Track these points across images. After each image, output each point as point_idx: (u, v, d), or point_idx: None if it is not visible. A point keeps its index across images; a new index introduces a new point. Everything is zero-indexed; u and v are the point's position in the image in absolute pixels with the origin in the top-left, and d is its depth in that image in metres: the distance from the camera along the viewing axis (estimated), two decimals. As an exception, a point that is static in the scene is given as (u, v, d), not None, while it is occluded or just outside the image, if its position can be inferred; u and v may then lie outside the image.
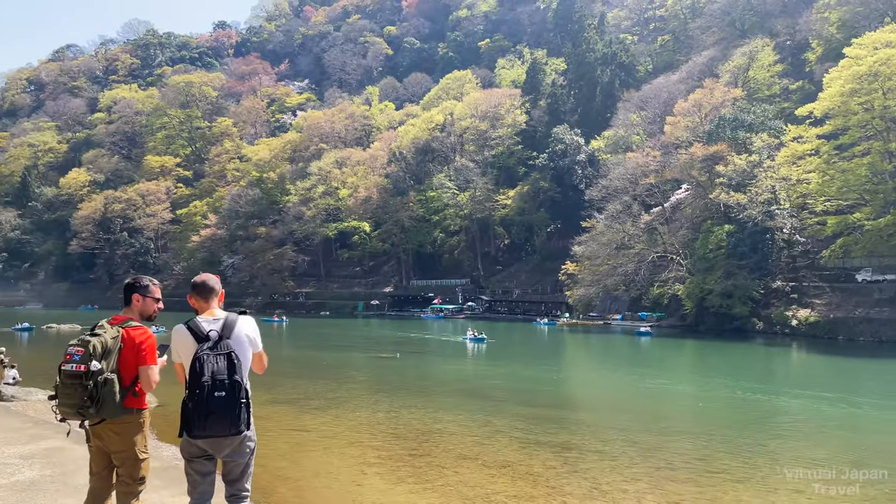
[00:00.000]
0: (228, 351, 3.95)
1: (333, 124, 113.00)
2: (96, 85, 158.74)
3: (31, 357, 33.18)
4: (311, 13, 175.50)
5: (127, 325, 4.25)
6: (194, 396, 3.86)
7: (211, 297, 4.30)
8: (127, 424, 4.19)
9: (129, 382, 4.15)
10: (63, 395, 3.98)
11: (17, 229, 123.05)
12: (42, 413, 12.95)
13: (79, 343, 4.04)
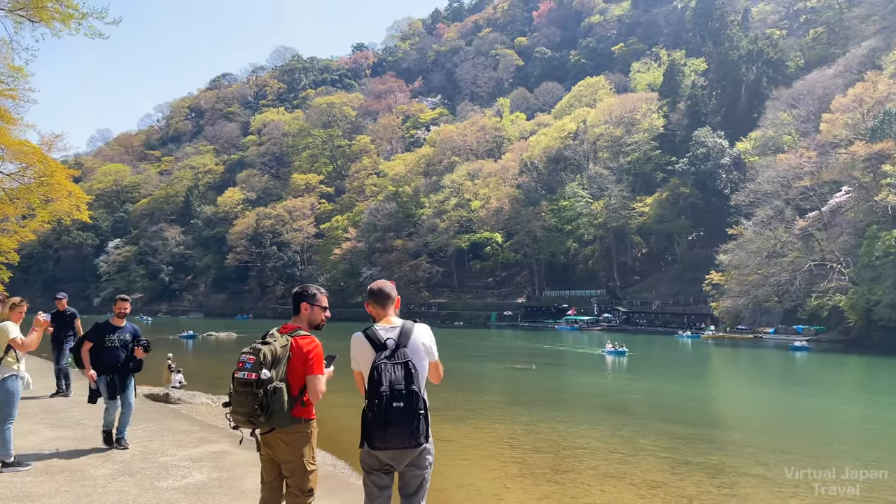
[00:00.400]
0: (405, 360, 3.85)
1: (465, 137, 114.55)
2: (248, 109, 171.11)
3: (195, 362, 35.96)
4: (443, 30, 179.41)
5: (296, 334, 4.23)
6: (373, 406, 3.78)
7: (388, 304, 4.23)
8: (296, 434, 4.17)
9: (297, 392, 4.13)
10: (236, 402, 3.99)
11: (181, 245, 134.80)
12: (207, 416, 13.85)
13: (250, 351, 4.05)
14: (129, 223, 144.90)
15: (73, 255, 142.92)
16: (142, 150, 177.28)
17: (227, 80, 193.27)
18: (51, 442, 8.35)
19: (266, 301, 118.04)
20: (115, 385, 7.97)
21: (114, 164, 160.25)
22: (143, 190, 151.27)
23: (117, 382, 7.99)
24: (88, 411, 10.88)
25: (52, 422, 9.79)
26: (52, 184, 18.87)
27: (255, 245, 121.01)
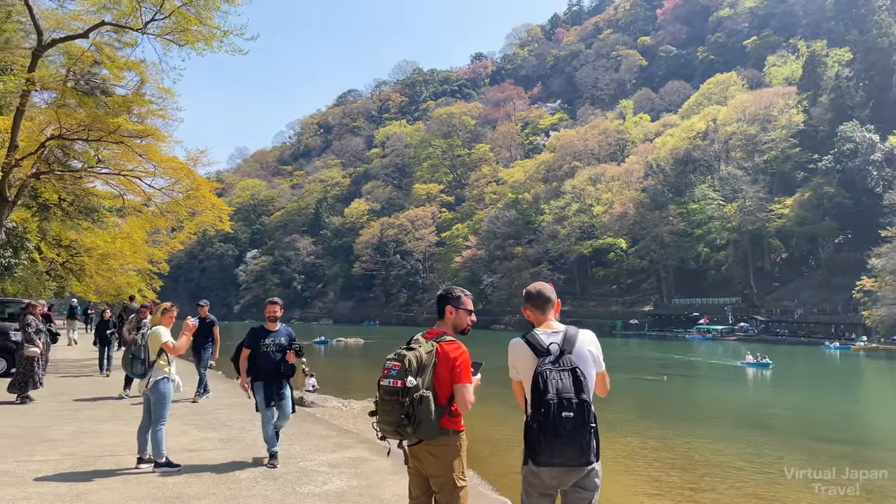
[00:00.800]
0: (572, 367, 3.51)
1: (586, 141, 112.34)
2: (372, 123, 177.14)
3: (326, 367, 37.32)
4: (562, 34, 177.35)
5: (441, 340, 3.98)
6: (539, 416, 3.44)
7: (547, 308, 3.96)
8: (444, 447, 3.90)
9: (444, 401, 3.86)
10: (382, 411, 3.78)
11: (312, 254, 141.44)
12: (341, 420, 14.14)
13: (395, 357, 3.85)
14: (265, 235, 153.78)
15: (215, 265, 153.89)
16: (275, 165, 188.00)
17: (353, 95, 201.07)
18: (198, 443, 8.73)
19: (391, 308, 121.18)
20: (272, 392, 7.57)
21: (251, 180, 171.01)
22: (277, 203, 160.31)
23: (273, 389, 7.58)
24: (234, 413, 11.39)
25: (200, 423, 10.29)
26: (197, 197, 20.21)
27: (379, 254, 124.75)
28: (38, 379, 12.15)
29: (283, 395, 7.65)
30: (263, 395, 7.53)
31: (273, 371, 7.55)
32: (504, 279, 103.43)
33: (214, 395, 13.45)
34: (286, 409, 7.68)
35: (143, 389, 7.30)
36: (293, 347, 7.64)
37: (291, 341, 7.73)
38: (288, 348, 7.62)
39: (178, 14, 16.77)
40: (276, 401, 7.56)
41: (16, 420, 10.18)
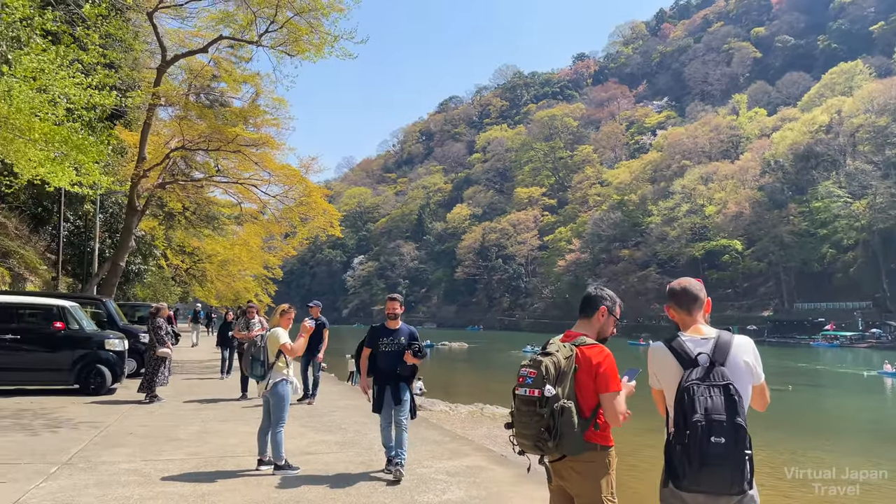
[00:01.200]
0: (725, 382, 3.01)
1: (696, 139, 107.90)
2: (473, 129, 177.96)
3: (432, 370, 37.49)
4: (668, 30, 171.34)
5: (581, 343, 3.53)
6: (683, 438, 2.98)
7: (694, 308, 3.38)
8: (590, 464, 3.47)
9: (588, 412, 3.43)
10: (519, 423, 3.38)
11: (416, 260, 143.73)
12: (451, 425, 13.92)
13: (531, 364, 3.43)
14: (371, 241, 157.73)
15: (325, 270, 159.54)
16: (380, 173, 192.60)
17: (454, 102, 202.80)
18: (315, 445, 8.72)
19: (493, 313, 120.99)
20: (387, 395, 7.09)
21: (357, 188, 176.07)
22: (382, 210, 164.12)
23: (390, 393, 7.09)
24: (348, 416, 11.40)
25: (316, 425, 10.33)
26: (309, 203, 20.78)
27: (481, 258, 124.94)
28: (164, 379, 12.69)
29: (402, 398, 7.11)
30: (378, 397, 7.13)
31: (391, 372, 7.08)
32: (610, 283, 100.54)
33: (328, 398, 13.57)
34: (401, 415, 7.10)
35: (263, 391, 7.31)
36: (412, 347, 7.08)
37: (412, 341, 7.17)
38: (407, 348, 7.09)
39: (289, 25, 17.23)
40: (392, 405, 7.09)
41: (144, 419, 10.61)
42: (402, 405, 7.10)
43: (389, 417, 7.12)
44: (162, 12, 18.15)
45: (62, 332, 13.01)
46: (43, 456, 7.57)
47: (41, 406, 11.40)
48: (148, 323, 12.80)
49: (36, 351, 12.91)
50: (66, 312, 13.24)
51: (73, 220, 26.04)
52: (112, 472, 6.95)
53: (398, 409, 7.08)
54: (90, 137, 11.42)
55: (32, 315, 13.41)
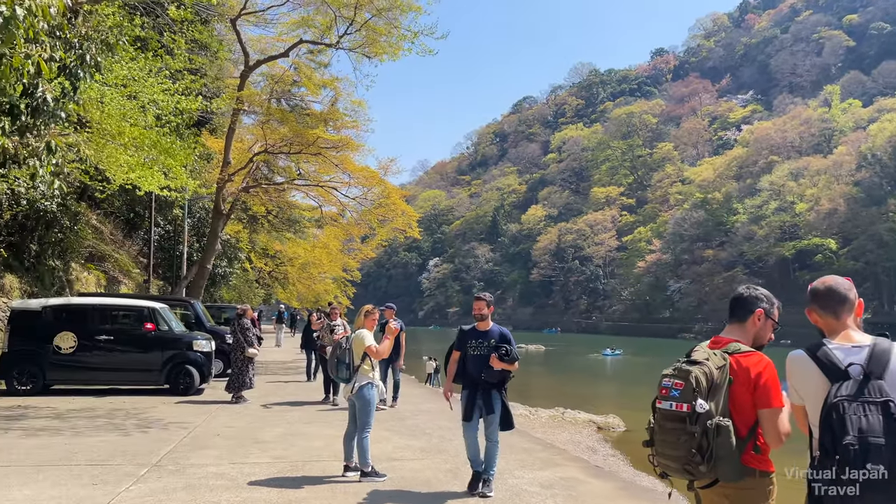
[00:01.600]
0: (884, 399, 2.48)
1: (785, 133, 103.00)
2: (548, 129, 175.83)
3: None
4: (753, 21, 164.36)
5: (735, 351, 3.04)
6: (831, 464, 2.53)
7: (842, 311, 2.86)
8: (748, 492, 2.98)
9: (745, 432, 2.94)
10: (662, 442, 2.96)
11: (490, 262, 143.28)
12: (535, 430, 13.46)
13: (675, 373, 2.98)
14: (446, 243, 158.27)
15: (400, 273, 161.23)
16: (454, 175, 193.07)
17: (528, 102, 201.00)
18: (400, 451, 8.46)
19: (570, 315, 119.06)
20: (474, 403, 6.51)
21: (432, 191, 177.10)
22: (456, 212, 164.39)
23: (480, 401, 6.49)
24: (432, 420, 11.14)
25: (400, 429, 10.10)
26: (388, 204, 20.79)
27: (557, 260, 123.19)
28: (249, 380, 12.77)
29: (493, 406, 6.47)
30: (464, 405, 6.59)
31: (480, 378, 6.49)
32: (693, 284, 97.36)
33: (410, 400, 13.35)
34: (490, 426, 6.50)
35: (348, 395, 7.09)
36: (499, 350, 6.41)
37: (501, 343, 6.51)
38: (495, 351, 6.44)
39: (367, 26, 17.23)
40: (483, 415, 6.49)
41: (231, 420, 10.65)
42: (493, 416, 6.49)
43: (477, 428, 6.57)
44: (244, 19, 18.52)
45: (153, 333, 13.35)
46: (133, 457, 7.62)
47: (133, 406, 11.67)
48: (233, 324, 12.93)
49: (128, 351, 13.30)
50: (156, 314, 13.56)
51: (164, 224, 27.10)
52: (200, 476, 6.88)
53: (487, 421, 6.50)
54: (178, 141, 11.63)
55: (125, 317, 13.82)
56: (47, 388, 12.92)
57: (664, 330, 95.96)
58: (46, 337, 12.70)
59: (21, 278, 15.25)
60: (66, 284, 17.05)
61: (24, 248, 15.16)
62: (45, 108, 6.66)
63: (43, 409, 10.98)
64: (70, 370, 12.95)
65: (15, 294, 14.81)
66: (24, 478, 6.61)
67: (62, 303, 13.79)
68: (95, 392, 13.04)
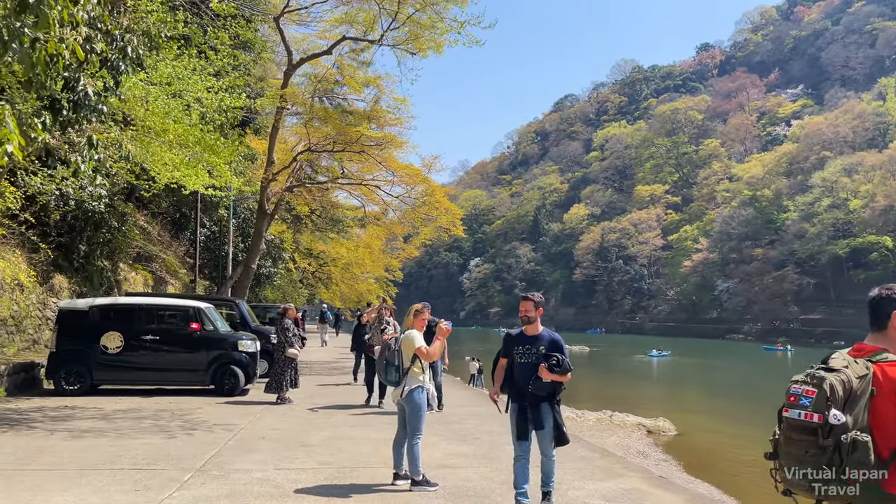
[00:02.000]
0: None
1: (837, 128, 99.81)
2: (590, 127, 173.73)
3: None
4: (802, 13, 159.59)
5: (881, 360, 2.62)
6: None
7: None
8: None
9: (888, 453, 2.52)
10: (787, 455, 2.61)
11: (532, 262, 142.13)
12: (583, 433, 12.96)
13: (807, 380, 2.61)
14: (487, 243, 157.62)
15: (441, 273, 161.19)
16: (495, 175, 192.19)
17: (570, 100, 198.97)
18: (451, 458, 8.08)
19: (614, 315, 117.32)
20: (525, 418, 5.78)
21: (472, 191, 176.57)
22: (497, 212, 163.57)
23: (529, 414, 5.77)
24: (481, 424, 10.73)
25: (448, 434, 9.73)
26: (432, 202, 20.49)
27: (601, 259, 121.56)
28: (292, 380, 12.52)
29: (543, 419, 5.75)
30: (514, 421, 5.85)
31: (527, 389, 5.75)
32: (742, 284, 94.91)
33: (455, 403, 12.97)
34: (542, 441, 5.80)
35: (397, 399, 6.74)
36: (549, 360, 5.64)
37: (552, 352, 5.73)
38: (544, 360, 5.67)
39: (411, 21, 16.93)
40: (534, 429, 5.79)
41: (276, 422, 10.43)
42: (543, 433, 5.79)
43: (526, 446, 5.84)
44: (287, 17, 18.42)
45: (198, 333, 13.19)
46: (178, 461, 7.41)
47: (178, 406, 11.55)
48: (276, 324, 12.76)
49: (174, 351, 13.19)
50: (201, 314, 13.44)
51: (209, 225, 27.35)
52: (245, 482, 6.61)
53: (538, 437, 5.82)
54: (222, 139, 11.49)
55: (171, 316, 13.73)
56: (95, 388, 12.90)
57: (711, 331, 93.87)
58: (94, 337, 12.63)
59: (70, 278, 15.40)
60: (114, 284, 17.20)
61: (73, 248, 15.29)
62: (86, 102, 6.49)
63: (89, 410, 10.92)
64: (117, 370, 12.88)
65: (64, 294, 14.95)
66: (67, 482, 6.43)
67: (109, 303, 13.70)
68: (142, 392, 12.98)
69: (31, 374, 13.04)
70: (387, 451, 7.02)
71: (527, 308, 5.95)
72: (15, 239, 14.05)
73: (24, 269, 13.93)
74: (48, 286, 14.53)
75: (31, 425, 9.39)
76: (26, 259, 14.23)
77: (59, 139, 6.79)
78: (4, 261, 13.44)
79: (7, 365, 12.19)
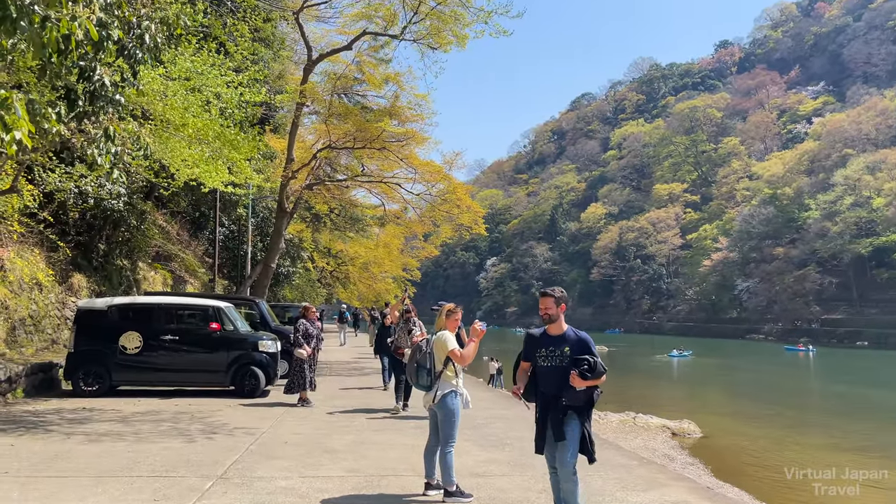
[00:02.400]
0: None
1: (860, 125, 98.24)
2: (607, 125, 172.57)
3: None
4: (823, 9, 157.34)
5: None
6: None
7: None
8: None
9: None
10: None
11: (549, 261, 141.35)
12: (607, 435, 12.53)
13: None
14: (503, 242, 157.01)
15: (458, 273, 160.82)
16: (511, 174, 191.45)
17: (587, 99, 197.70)
18: (483, 465, 7.70)
19: (632, 315, 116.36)
20: (545, 427, 5.17)
21: (489, 190, 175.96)
22: (514, 211, 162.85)
23: (549, 423, 5.12)
24: (510, 428, 10.34)
25: (478, 439, 9.34)
26: (453, 200, 20.12)
27: (618, 259, 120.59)
28: (308, 381, 12.14)
29: (564, 431, 5.03)
30: (538, 429, 5.26)
31: (552, 396, 5.10)
32: (762, 284, 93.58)
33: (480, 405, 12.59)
34: (562, 458, 5.03)
35: (429, 404, 6.37)
36: (580, 366, 4.93)
37: (583, 355, 5.01)
38: (574, 366, 4.96)
39: (433, 15, 16.58)
40: (556, 439, 5.08)
41: (298, 425, 10.11)
42: (562, 444, 5.03)
43: (550, 459, 5.24)
44: (306, 13, 18.14)
45: (218, 333, 12.88)
46: (198, 468, 7.09)
47: (198, 409, 11.26)
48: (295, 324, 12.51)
49: (193, 352, 12.89)
50: (221, 313, 13.15)
51: (228, 224, 27.18)
52: (268, 491, 6.28)
53: (559, 449, 5.06)
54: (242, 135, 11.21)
55: (190, 316, 13.43)
56: (113, 389, 12.63)
57: (731, 331, 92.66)
58: (112, 337, 12.38)
59: (89, 278, 15.19)
60: (133, 284, 17.00)
61: (92, 247, 15.09)
62: (102, 92, 6.21)
63: (108, 412, 10.65)
64: (136, 371, 12.62)
65: (83, 293, 14.73)
66: (83, 491, 6.13)
67: (127, 302, 13.46)
68: (161, 394, 12.70)
69: (49, 375, 12.82)
70: (415, 458, 6.67)
71: (547, 305, 5.22)
72: (33, 238, 13.87)
73: (42, 268, 13.74)
74: (67, 285, 14.33)
75: (48, 428, 9.13)
76: (45, 258, 14.05)
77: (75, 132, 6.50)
78: (23, 260, 13.25)
79: (25, 365, 11.96)
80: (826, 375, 43.24)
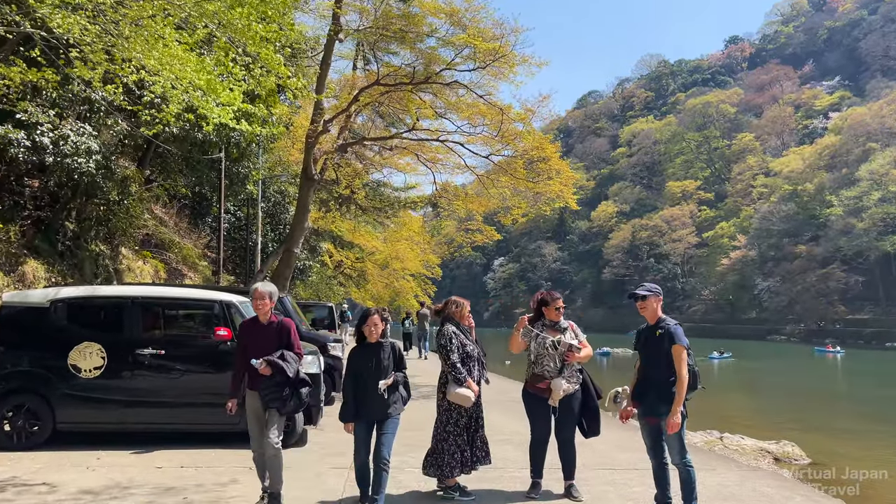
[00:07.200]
0: None
1: (882, 119, 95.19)
2: (615, 123, 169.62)
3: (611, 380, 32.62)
4: (835, 3, 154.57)
5: None
6: None
7: None
8: None
9: None
10: None
11: (558, 261, 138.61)
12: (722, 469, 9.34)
13: None
14: (511, 242, 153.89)
15: (465, 273, 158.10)
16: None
17: (594, 97, 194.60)
18: None
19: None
20: None
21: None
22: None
23: None
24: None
25: None
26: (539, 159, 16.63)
27: (631, 258, 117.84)
28: (462, 452, 8.89)
29: None
30: None
31: None
32: (783, 283, 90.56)
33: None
34: None
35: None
36: None
37: None
38: None
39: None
40: None
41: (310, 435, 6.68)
42: None
43: None
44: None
45: (228, 343, 8.24)
46: None
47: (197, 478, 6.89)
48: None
49: (190, 372, 8.40)
50: (231, 312, 8.53)
51: (234, 210, 23.61)
52: None
53: None
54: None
55: (186, 317, 9.03)
56: (57, 436, 8.10)
57: (751, 332, 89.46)
58: (57, 351, 8.03)
59: (51, 266, 10.96)
60: (113, 275, 12.98)
61: (56, 226, 11.05)
62: None
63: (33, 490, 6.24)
64: (94, 405, 8.12)
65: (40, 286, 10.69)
66: None
67: (83, 295, 8.71)
68: (136, 443, 8.21)
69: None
70: None
71: None
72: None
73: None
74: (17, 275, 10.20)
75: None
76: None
77: None
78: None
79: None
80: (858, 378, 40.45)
